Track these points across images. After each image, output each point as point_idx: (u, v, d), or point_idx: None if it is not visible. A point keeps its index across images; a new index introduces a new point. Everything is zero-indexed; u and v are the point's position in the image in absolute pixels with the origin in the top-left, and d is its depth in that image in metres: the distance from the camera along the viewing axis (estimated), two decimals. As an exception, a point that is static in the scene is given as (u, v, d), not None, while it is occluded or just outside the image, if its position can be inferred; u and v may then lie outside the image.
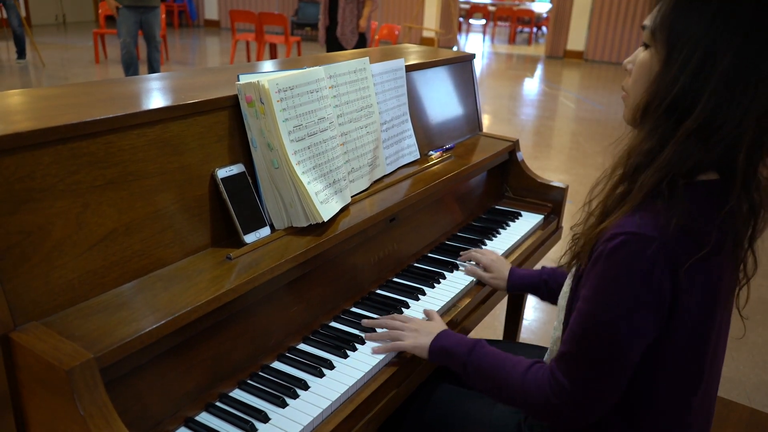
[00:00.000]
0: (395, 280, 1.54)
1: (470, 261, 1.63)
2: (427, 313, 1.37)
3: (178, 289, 1.04)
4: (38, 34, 10.79)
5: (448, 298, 1.47)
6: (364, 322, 1.32)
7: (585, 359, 0.99)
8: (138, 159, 1.08)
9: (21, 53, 8.52)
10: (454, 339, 1.21)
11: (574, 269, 1.09)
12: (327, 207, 1.31)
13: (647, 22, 0.98)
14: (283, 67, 1.78)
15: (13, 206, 0.91)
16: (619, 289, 0.93)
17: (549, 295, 1.47)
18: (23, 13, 9.12)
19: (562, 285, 1.21)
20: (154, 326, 0.94)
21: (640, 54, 1.01)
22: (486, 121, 6.61)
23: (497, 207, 2.07)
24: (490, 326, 2.76)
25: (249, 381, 1.14)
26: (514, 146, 2.10)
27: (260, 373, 1.16)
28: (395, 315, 1.33)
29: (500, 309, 2.44)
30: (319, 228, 1.30)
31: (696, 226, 0.92)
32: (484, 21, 15.38)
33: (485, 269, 1.58)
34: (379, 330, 1.30)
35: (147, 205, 1.09)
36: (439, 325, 1.28)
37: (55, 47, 10.03)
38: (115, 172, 1.04)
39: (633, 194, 0.96)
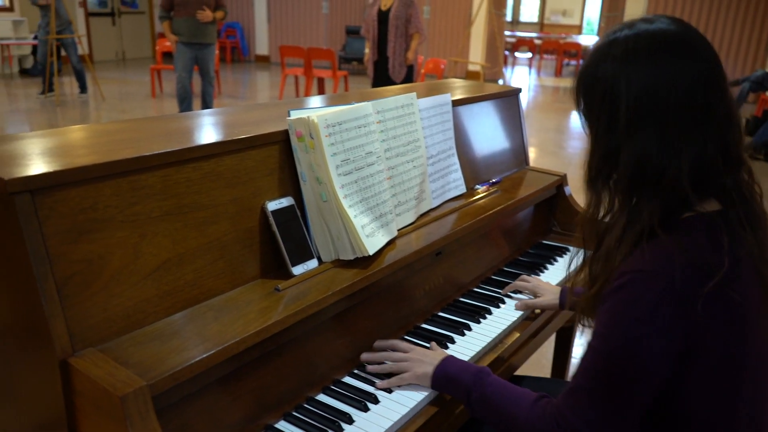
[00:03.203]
0: (441, 314, 1.53)
1: (517, 293, 1.61)
2: (431, 346, 1.35)
3: (228, 319, 1.06)
4: (100, 69, 11.34)
5: (495, 334, 1.45)
6: (363, 356, 1.29)
7: (593, 395, 0.96)
8: (193, 191, 1.12)
9: (83, 88, 8.98)
10: (458, 365, 1.19)
11: None
12: (373, 240, 1.32)
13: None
14: (331, 102, 1.82)
15: (76, 236, 0.95)
16: (628, 327, 0.92)
17: None
18: (86, 51, 9.61)
19: None
20: (204, 356, 0.96)
21: None
22: (532, 154, 6.57)
23: (544, 242, 2.04)
24: (538, 363, 2.70)
25: (294, 413, 1.14)
26: (561, 180, 2.08)
27: (306, 405, 1.17)
28: (396, 343, 1.31)
29: (548, 346, 2.39)
30: (366, 261, 1.31)
31: (704, 258, 0.91)
32: (530, 54, 15.39)
33: (533, 294, 1.57)
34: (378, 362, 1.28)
35: (200, 236, 1.12)
36: (441, 354, 1.26)
37: (114, 82, 10.51)
38: (171, 203, 1.08)
39: (616, 257, 0.98)
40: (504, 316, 1.54)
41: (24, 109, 8.12)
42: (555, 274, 1.82)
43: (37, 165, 0.97)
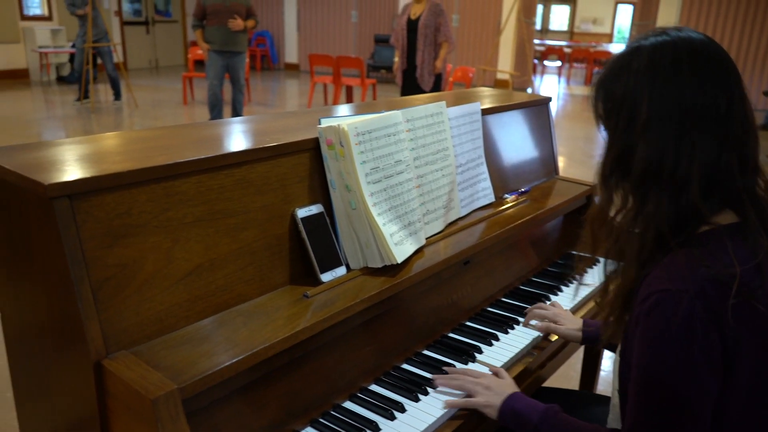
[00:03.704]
0: (468, 324, 1.52)
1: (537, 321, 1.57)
2: (495, 371, 1.30)
3: (257, 324, 1.07)
4: (133, 77, 11.59)
5: (523, 345, 1.43)
6: (436, 377, 1.28)
7: (656, 429, 0.93)
8: (225, 198, 1.13)
9: (117, 95, 9.19)
10: (526, 402, 1.16)
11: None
12: (401, 248, 1.32)
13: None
14: (361, 111, 1.83)
15: (111, 240, 0.97)
16: (668, 350, 0.90)
17: None
18: (121, 59, 9.83)
19: None
20: (234, 361, 0.97)
21: None
22: (561, 163, 6.48)
23: (574, 252, 2.02)
24: (566, 376, 2.66)
25: (321, 420, 1.15)
26: (591, 190, 2.06)
27: (332, 412, 1.17)
28: (467, 369, 1.30)
29: (576, 358, 2.36)
30: (394, 269, 1.31)
31: (724, 271, 0.90)
32: (559, 63, 15.28)
33: (554, 322, 1.50)
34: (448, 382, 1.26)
35: (231, 242, 1.13)
36: (511, 386, 1.23)
37: (147, 89, 10.72)
38: (204, 210, 1.10)
39: (628, 260, 0.99)
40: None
41: (60, 115, 8.33)
42: (584, 285, 1.79)
43: (75, 171, 0.99)
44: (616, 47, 15.28)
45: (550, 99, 2.21)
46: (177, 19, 14.41)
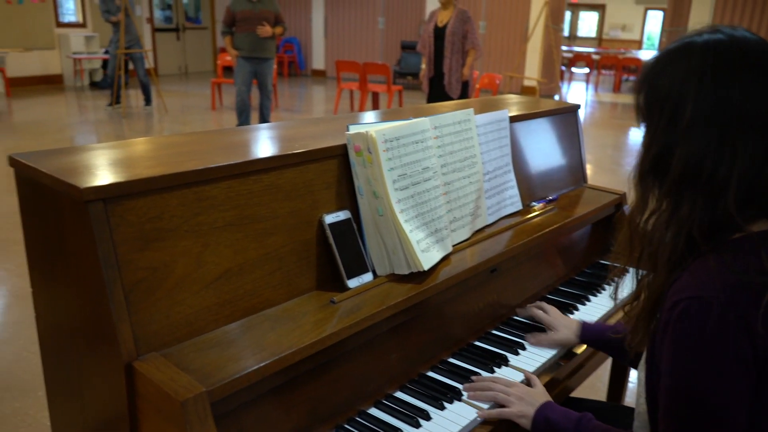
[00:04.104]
0: (494, 332, 1.51)
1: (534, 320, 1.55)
2: (528, 377, 1.31)
3: (284, 329, 1.08)
4: (164, 82, 11.78)
5: (550, 355, 1.42)
6: (466, 387, 1.28)
7: None
8: (254, 203, 1.15)
9: (147, 100, 9.36)
10: (560, 411, 1.15)
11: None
12: (428, 256, 1.32)
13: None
14: (388, 117, 1.83)
15: (143, 244, 0.99)
16: (698, 358, 0.88)
17: (621, 355, 1.37)
18: (152, 65, 10.01)
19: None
20: (261, 365, 0.98)
21: None
22: (588, 171, 6.43)
23: (602, 262, 2.00)
24: (593, 387, 2.63)
25: (346, 426, 1.15)
26: (621, 199, 2.03)
27: (357, 419, 1.17)
28: (497, 377, 1.29)
29: (604, 369, 2.32)
30: (421, 276, 1.31)
31: (755, 278, 0.87)
32: (587, 70, 15.14)
33: (548, 327, 1.48)
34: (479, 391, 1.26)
35: (259, 247, 1.14)
36: (543, 395, 1.23)
37: (177, 94, 10.90)
38: (234, 214, 1.11)
39: (659, 264, 0.97)
40: (559, 336, 1.50)
41: (92, 119, 8.51)
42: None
43: (109, 175, 1.01)
44: (646, 54, 15.08)
45: (578, 106, 2.19)
46: (207, 25, 14.63)
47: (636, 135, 8.95)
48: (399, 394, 1.25)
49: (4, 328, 3.07)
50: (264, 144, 1.39)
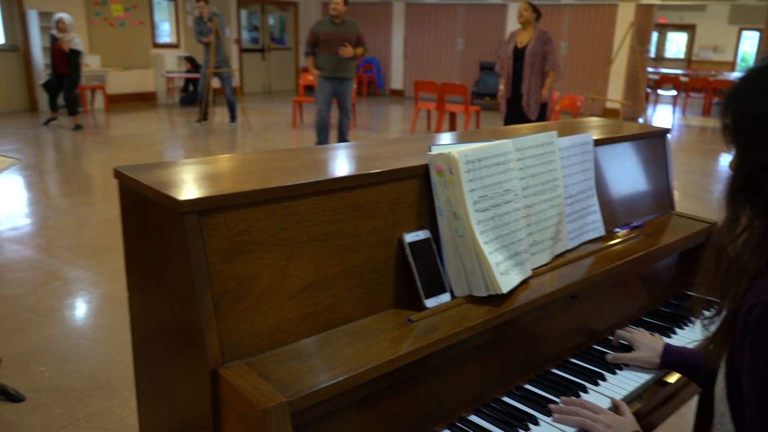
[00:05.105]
0: (573, 360, 1.47)
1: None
2: (617, 404, 1.26)
3: (362, 345, 1.09)
4: (248, 101, 12.28)
5: (632, 388, 1.36)
6: (552, 408, 1.25)
7: None
8: (336, 220, 1.17)
9: (233, 117, 9.77)
10: None
11: (725, 357, 1.02)
12: (507, 279, 1.31)
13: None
14: (469, 138, 1.83)
15: (232, 255, 1.03)
16: None
17: (705, 380, 1.32)
18: (238, 83, 10.44)
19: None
20: (339, 379, 0.99)
21: None
22: (675, 197, 6.16)
23: (690, 293, 1.90)
24: (677, 426, 2.49)
25: (419, 446, 1.15)
26: (710, 228, 1.94)
27: (430, 440, 1.17)
28: (584, 402, 1.26)
29: (689, 407, 2.20)
30: (499, 299, 1.29)
31: None
32: (674, 92, 14.55)
33: (631, 345, 1.46)
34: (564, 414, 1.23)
35: (340, 263, 1.17)
36: (633, 424, 1.18)
37: (260, 112, 11.31)
38: (317, 230, 1.14)
39: (744, 279, 0.95)
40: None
41: (181, 135, 8.96)
42: (699, 328, 1.68)
43: (203, 189, 1.07)
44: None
45: (668, 130, 2.11)
46: (290, 46, 15.15)
47: (726, 161, 8.50)
48: (473, 418, 1.24)
49: (96, 330, 3.26)
50: (347, 162, 1.42)
